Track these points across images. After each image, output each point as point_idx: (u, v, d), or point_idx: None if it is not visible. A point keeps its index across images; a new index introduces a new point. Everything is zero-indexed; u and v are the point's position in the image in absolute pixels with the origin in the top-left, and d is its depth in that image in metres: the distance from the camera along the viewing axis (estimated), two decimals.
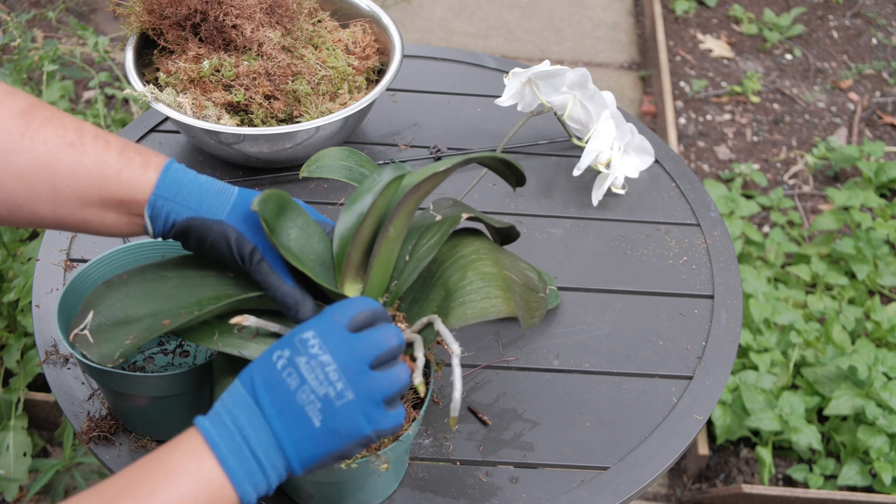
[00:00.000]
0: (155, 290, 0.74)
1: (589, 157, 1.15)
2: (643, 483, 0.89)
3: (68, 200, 0.71)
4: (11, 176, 0.68)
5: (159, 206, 0.73)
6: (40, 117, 0.70)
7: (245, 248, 0.72)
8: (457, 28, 2.92)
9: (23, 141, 0.68)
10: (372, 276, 0.76)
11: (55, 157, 0.69)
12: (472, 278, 0.75)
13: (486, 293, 0.74)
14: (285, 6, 1.14)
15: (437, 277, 0.78)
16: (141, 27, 1.13)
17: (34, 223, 0.73)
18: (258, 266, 0.72)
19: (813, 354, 1.77)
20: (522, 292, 0.81)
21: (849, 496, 1.60)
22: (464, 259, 0.78)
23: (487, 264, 0.77)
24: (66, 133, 0.70)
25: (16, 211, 0.71)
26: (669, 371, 0.99)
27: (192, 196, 0.73)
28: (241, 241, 0.72)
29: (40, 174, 0.69)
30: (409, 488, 0.87)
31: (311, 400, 0.61)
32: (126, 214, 0.73)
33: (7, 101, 0.69)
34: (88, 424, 0.89)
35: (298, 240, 0.75)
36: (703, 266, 1.12)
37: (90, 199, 0.71)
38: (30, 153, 0.68)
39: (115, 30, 2.52)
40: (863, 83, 2.76)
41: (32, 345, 1.60)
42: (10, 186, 0.69)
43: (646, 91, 2.75)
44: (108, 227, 0.74)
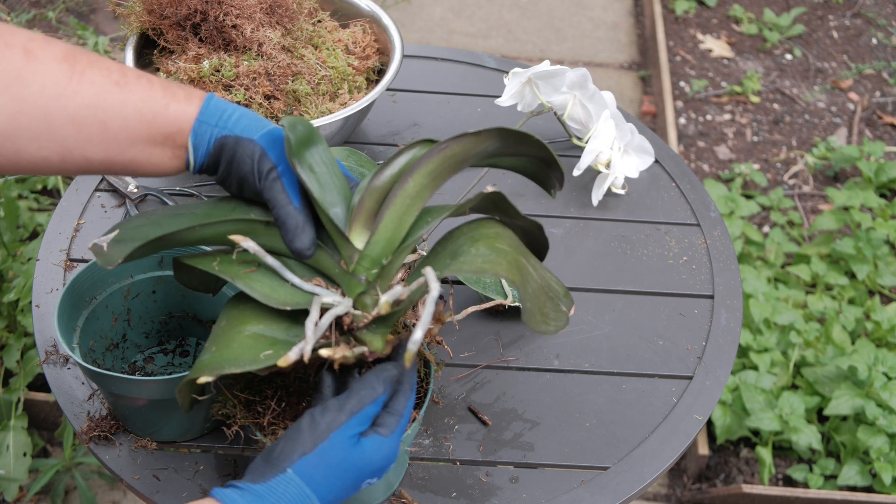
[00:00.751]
0: (177, 218, 0.73)
1: (589, 157, 1.15)
2: (643, 483, 0.89)
3: (118, 140, 0.71)
4: (62, 120, 0.69)
5: (202, 132, 0.73)
6: (83, 61, 0.70)
7: (265, 164, 0.72)
8: (457, 28, 2.92)
9: (70, 84, 0.68)
10: (381, 228, 0.72)
11: (103, 97, 0.70)
12: (481, 248, 0.71)
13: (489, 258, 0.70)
14: (285, 6, 1.14)
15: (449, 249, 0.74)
16: (141, 27, 1.13)
17: (83, 168, 0.73)
18: (272, 182, 0.72)
19: (813, 354, 1.77)
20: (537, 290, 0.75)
21: (849, 496, 1.60)
22: (479, 235, 0.73)
23: (503, 244, 0.72)
24: (110, 74, 0.70)
25: (67, 156, 0.71)
26: (669, 371, 0.99)
27: (231, 119, 0.73)
28: (263, 157, 0.72)
29: (90, 115, 0.70)
30: (409, 488, 0.87)
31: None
32: (171, 148, 0.73)
33: (49, 47, 0.69)
34: (88, 424, 0.89)
35: (321, 175, 0.73)
36: (703, 266, 1.12)
37: (139, 135, 0.72)
38: (79, 96, 0.69)
39: (115, 30, 2.52)
40: (863, 83, 2.76)
41: (32, 345, 1.60)
42: (61, 131, 0.69)
43: (646, 91, 2.75)
44: (154, 164, 0.74)
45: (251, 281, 0.70)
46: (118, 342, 0.93)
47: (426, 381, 0.81)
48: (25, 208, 1.77)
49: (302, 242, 0.71)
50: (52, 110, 0.68)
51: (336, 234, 0.73)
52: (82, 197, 1.14)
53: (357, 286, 0.72)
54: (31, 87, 0.67)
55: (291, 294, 0.71)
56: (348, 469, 0.66)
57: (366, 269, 0.73)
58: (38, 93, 0.67)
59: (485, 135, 0.71)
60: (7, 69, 0.66)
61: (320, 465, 0.65)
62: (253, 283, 0.70)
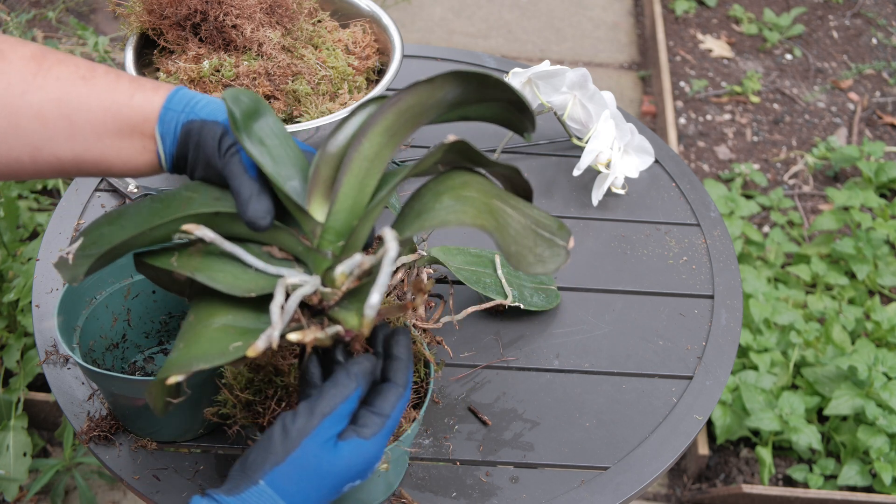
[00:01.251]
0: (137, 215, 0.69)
1: (589, 157, 1.15)
2: (643, 483, 0.89)
3: (84, 133, 0.70)
4: (28, 117, 0.68)
5: (168, 119, 0.71)
6: (51, 59, 0.70)
7: (226, 142, 0.70)
8: (457, 28, 2.92)
9: (36, 80, 0.68)
10: (340, 196, 0.67)
11: (67, 90, 0.69)
12: (445, 200, 0.66)
13: (454, 209, 0.64)
14: (285, 6, 1.14)
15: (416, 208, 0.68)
16: (141, 27, 1.13)
17: (56, 168, 0.72)
18: (230, 157, 0.69)
19: (813, 354, 1.77)
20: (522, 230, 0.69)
21: (849, 496, 1.60)
22: (447, 188, 0.68)
23: (471, 191, 0.67)
24: (77, 69, 0.70)
25: (37, 155, 0.70)
26: (669, 371, 0.99)
27: (199, 105, 0.72)
28: (225, 136, 0.70)
29: (55, 109, 0.69)
30: (409, 488, 0.87)
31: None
32: (140, 139, 0.72)
33: (19, 47, 0.70)
34: (88, 424, 0.89)
35: (273, 148, 0.69)
36: (703, 266, 1.12)
37: (105, 128, 0.71)
38: (43, 90, 0.69)
39: (115, 30, 2.52)
40: (863, 83, 2.76)
41: (32, 345, 1.60)
42: (27, 126, 0.69)
43: (646, 91, 2.75)
44: (124, 161, 0.73)
45: (213, 272, 0.66)
46: (118, 342, 0.93)
47: (426, 381, 0.81)
48: (25, 208, 1.77)
49: (255, 211, 0.66)
50: (17, 107, 0.68)
51: (294, 207, 0.68)
52: (82, 197, 1.14)
53: (323, 262, 0.68)
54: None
55: (255, 280, 0.67)
56: (324, 476, 0.63)
57: (331, 242, 0.68)
58: (4, 91, 0.67)
59: (440, 80, 0.64)
60: None
61: (293, 475, 0.62)
62: (215, 275, 0.66)
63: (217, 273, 0.66)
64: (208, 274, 0.66)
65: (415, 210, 0.67)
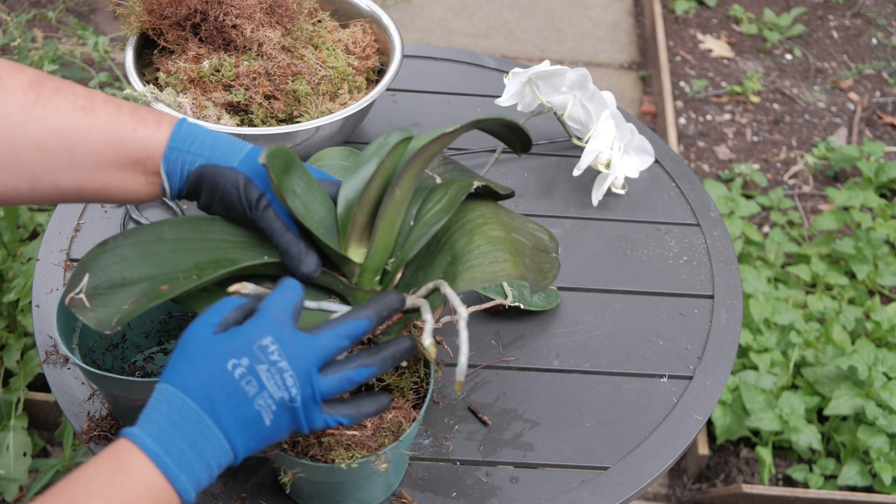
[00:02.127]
0: (152, 253, 0.71)
1: (589, 157, 1.15)
2: (643, 483, 0.89)
3: (85, 165, 0.71)
4: (28, 146, 0.68)
5: (174, 159, 0.72)
6: (49, 87, 0.70)
7: (253, 193, 0.72)
8: (457, 28, 2.92)
9: (35, 110, 0.68)
10: (377, 240, 0.74)
11: (68, 122, 0.69)
12: (479, 242, 0.73)
13: (494, 257, 0.72)
14: (285, 6, 1.14)
15: (443, 243, 0.76)
16: (141, 27, 1.13)
17: (54, 196, 0.72)
18: (264, 212, 0.72)
19: (813, 354, 1.77)
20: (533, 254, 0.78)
21: (849, 496, 1.60)
22: (470, 223, 0.76)
23: (495, 228, 0.75)
24: (76, 99, 0.70)
25: (35, 184, 0.70)
26: (669, 371, 0.99)
27: (205, 145, 0.73)
28: (249, 186, 0.72)
29: (56, 141, 0.69)
30: (409, 488, 0.87)
31: (267, 404, 0.62)
32: (143, 174, 0.73)
33: (15, 74, 0.69)
34: (88, 424, 0.89)
35: (304, 198, 0.74)
36: (703, 266, 1.12)
37: (107, 161, 0.71)
38: (43, 121, 0.69)
39: (115, 30, 2.52)
40: (863, 83, 2.76)
41: (32, 345, 1.60)
42: (27, 157, 0.69)
43: (646, 91, 2.75)
44: (126, 191, 0.73)
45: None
46: (118, 342, 0.93)
47: (426, 381, 0.81)
48: (25, 208, 1.77)
49: (308, 267, 0.72)
50: (17, 137, 0.68)
51: (335, 255, 0.74)
52: None
53: (365, 297, 0.75)
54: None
55: (308, 317, 0.72)
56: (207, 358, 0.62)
57: (369, 279, 0.76)
58: (4, 119, 0.67)
59: (458, 131, 0.73)
60: None
61: (179, 361, 0.63)
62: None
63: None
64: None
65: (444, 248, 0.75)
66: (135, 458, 0.59)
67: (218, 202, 0.74)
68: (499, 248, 0.73)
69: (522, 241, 0.77)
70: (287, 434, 0.65)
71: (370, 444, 0.75)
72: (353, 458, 0.74)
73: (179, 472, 0.60)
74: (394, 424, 0.77)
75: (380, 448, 0.75)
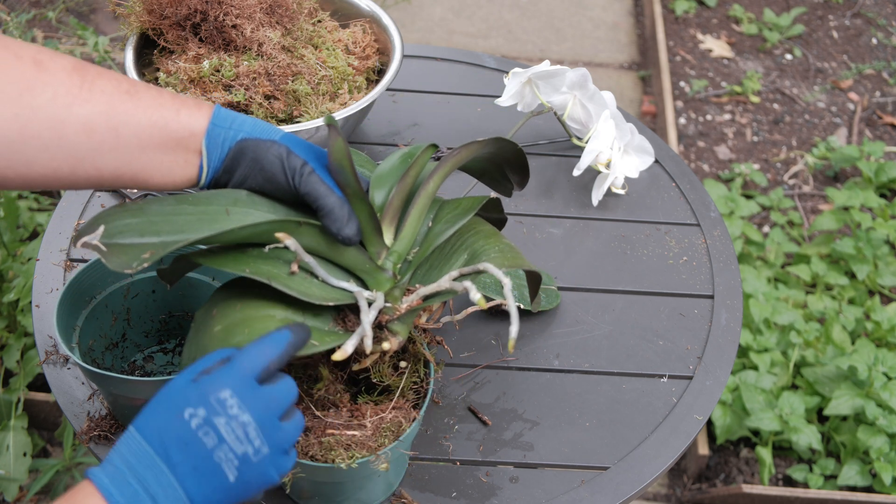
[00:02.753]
0: (174, 218, 0.72)
1: (589, 157, 1.15)
2: (643, 483, 0.89)
3: (129, 147, 0.72)
4: (74, 128, 0.69)
5: (216, 135, 0.74)
6: (92, 72, 0.71)
7: (296, 161, 0.74)
8: (457, 28, 2.92)
9: (81, 93, 0.69)
10: (407, 225, 0.78)
11: (114, 104, 0.71)
12: (494, 244, 0.80)
13: (512, 254, 0.79)
14: (285, 6, 1.14)
15: (457, 246, 0.80)
16: (141, 27, 1.13)
17: (93, 179, 0.73)
18: (309, 177, 0.73)
19: (813, 354, 1.77)
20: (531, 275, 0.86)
21: (849, 496, 1.60)
22: (484, 232, 0.82)
23: (504, 240, 0.82)
24: (120, 83, 0.72)
25: (78, 167, 0.71)
26: (669, 371, 0.99)
27: (246, 123, 0.75)
28: (292, 155, 0.74)
29: (103, 122, 0.70)
30: (409, 488, 0.87)
31: (228, 458, 0.61)
32: (183, 153, 0.74)
33: (58, 59, 0.70)
34: (88, 424, 0.89)
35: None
36: (703, 266, 1.12)
37: (150, 142, 0.72)
38: (90, 103, 0.70)
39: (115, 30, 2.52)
40: (863, 83, 2.76)
41: (32, 345, 1.60)
42: (73, 139, 0.69)
43: (646, 91, 2.75)
44: (163, 174, 0.74)
45: (286, 281, 0.71)
46: (118, 341, 0.93)
47: (426, 381, 0.81)
48: (25, 208, 1.77)
49: (351, 229, 0.73)
50: (63, 119, 0.68)
51: (371, 228, 0.76)
52: (82, 197, 1.14)
53: (387, 281, 0.76)
54: (42, 97, 0.67)
55: (326, 290, 0.73)
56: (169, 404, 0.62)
57: (393, 263, 0.77)
58: (50, 102, 0.68)
59: (486, 142, 0.82)
60: (18, 79, 0.67)
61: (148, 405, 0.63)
62: (289, 283, 0.71)
63: (290, 282, 0.71)
64: (283, 282, 0.70)
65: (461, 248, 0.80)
66: (90, 497, 0.59)
67: (257, 174, 0.75)
68: (511, 250, 0.81)
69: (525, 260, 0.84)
70: (259, 490, 0.63)
71: (370, 444, 0.75)
72: (353, 458, 0.74)
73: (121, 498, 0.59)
74: (394, 424, 0.77)
75: (380, 448, 0.75)
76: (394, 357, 0.82)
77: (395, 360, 0.81)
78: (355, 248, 0.76)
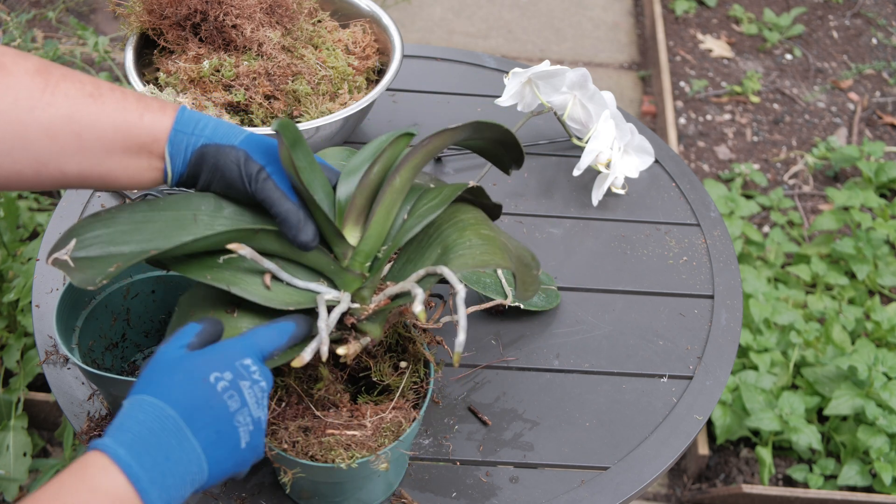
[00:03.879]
0: (144, 226, 0.72)
1: (589, 157, 1.15)
2: (643, 483, 0.89)
3: (93, 150, 0.71)
4: (36, 132, 0.69)
5: (178, 141, 0.74)
6: (56, 74, 0.71)
7: (252, 167, 0.73)
8: (457, 28, 2.92)
9: (44, 96, 0.69)
10: (372, 224, 0.75)
11: (77, 108, 0.70)
12: (470, 237, 0.75)
13: (484, 249, 0.74)
14: (285, 6, 1.14)
15: (434, 238, 0.77)
16: (141, 27, 1.13)
17: (58, 181, 0.73)
18: (264, 183, 0.72)
19: (813, 354, 1.77)
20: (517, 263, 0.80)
21: (849, 496, 1.60)
22: (462, 223, 0.77)
23: (485, 228, 0.77)
24: (83, 86, 0.71)
25: (42, 169, 0.71)
26: (669, 371, 0.99)
27: (207, 127, 0.75)
28: (249, 161, 0.73)
29: (65, 126, 0.70)
30: (409, 488, 0.87)
31: (245, 422, 0.62)
32: (147, 158, 0.74)
33: (21, 61, 0.70)
34: (88, 424, 0.89)
35: (307, 172, 0.75)
36: (703, 266, 1.12)
37: (114, 146, 0.72)
38: (52, 107, 0.69)
39: (115, 30, 2.52)
40: (863, 83, 2.76)
41: (32, 345, 1.60)
42: (36, 143, 0.69)
43: (646, 91, 2.75)
44: (129, 177, 0.74)
45: (246, 285, 0.71)
46: (118, 341, 0.93)
47: (426, 380, 0.81)
48: (25, 208, 1.77)
49: (306, 235, 0.72)
50: (26, 122, 0.68)
51: (331, 231, 0.74)
52: (82, 197, 1.14)
53: (354, 281, 0.75)
54: (5, 101, 0.67)
55: (289, 293, 0.72)
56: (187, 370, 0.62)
57: (360, 263, 0.75)
58: (12, 106, 0.68)
59: (461, 128, 0.76)
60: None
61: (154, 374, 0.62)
62: (249, 288, 0.71)
63: (250, 286, 0.71)
64: (243, 287, 0.70)
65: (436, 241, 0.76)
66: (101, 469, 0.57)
67: (218, 180, 0.74)
68: (488, 243, 0.75)
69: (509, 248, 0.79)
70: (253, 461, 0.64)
71: (370, 444, 0.75)
72: (353, 458, 0.74)
73: (150, 485, 0.57)
74: (394, 424, 0.77)
75: (380, 448, 0.75)
76: (394, 357, 0.82)
77: (395, 360, 0.81)
78: (319, 250, 0.74)
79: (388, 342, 0.82)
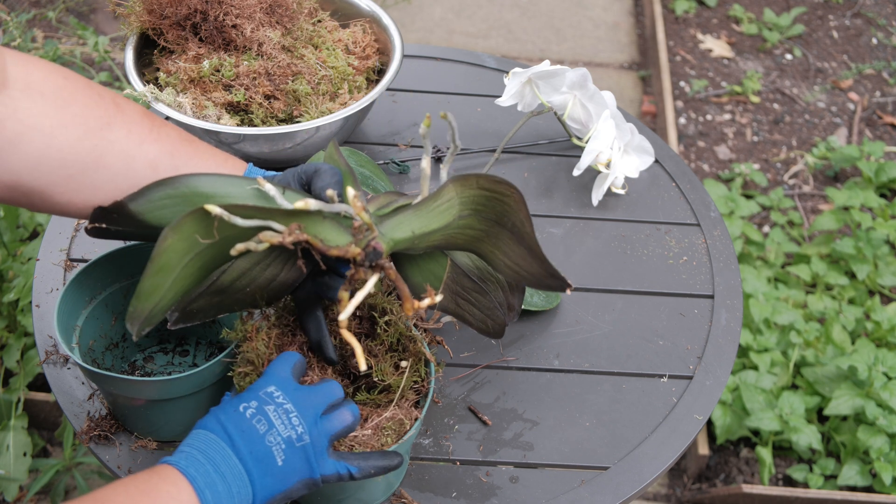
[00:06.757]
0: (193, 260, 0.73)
1: (589, 157, 1.15)
2: (643, 483, 0.89)
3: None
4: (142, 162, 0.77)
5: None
6: (159, 120, 0.81)
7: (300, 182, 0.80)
8: (457, 28, 2.92)
9: (151, 134, 0.79)
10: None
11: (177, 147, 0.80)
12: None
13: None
14: (285, 6, 1.14)
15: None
16: (141, 27, 1.13)
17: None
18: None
19: (813, 354, 1.77)
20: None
21: (849, 496, 1.60)
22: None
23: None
24: (181, 132, 0.81)
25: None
26: (669, 371, 0.99)
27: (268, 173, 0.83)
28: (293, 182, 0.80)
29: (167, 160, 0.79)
30: (409, 488, 0.87)
31: (277, 441, 0.70)
32: None
33: (132, 104, 0.79)
34: (88, 424, 0.89)
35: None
36: (703, 266, 1.12)
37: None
38: (158, 143, 0.79)
39: (115, 30, 2.52)
40: (863, 83, 2.76)
41: (32, 345, 1.60)
42: (139, 172, 0.77)
43: (646, 91, 2.75)
44: None
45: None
46: (118, 341, 0.93)
47: (426, 380, 0.81)
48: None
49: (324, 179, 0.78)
50: (134, 154, 0.77)
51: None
52: None
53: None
54: (119, 133, 0.76)
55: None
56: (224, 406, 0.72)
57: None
58: (125, 138, 0.76)
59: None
60: (101, 115, 0.75)
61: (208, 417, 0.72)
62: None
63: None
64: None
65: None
66: (171, 475, 0.68)
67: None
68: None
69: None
70: (301, 481, 0.70)
71: (371, 443, 0.75)
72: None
73: (205, 487, 0.67)
74: (395, 423, 0.77)
75: (381, 447, 0.75)
76: (395, 356, 0.82)
77: (395, 359, 0.81)
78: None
79: (389, 341, 0.82)
